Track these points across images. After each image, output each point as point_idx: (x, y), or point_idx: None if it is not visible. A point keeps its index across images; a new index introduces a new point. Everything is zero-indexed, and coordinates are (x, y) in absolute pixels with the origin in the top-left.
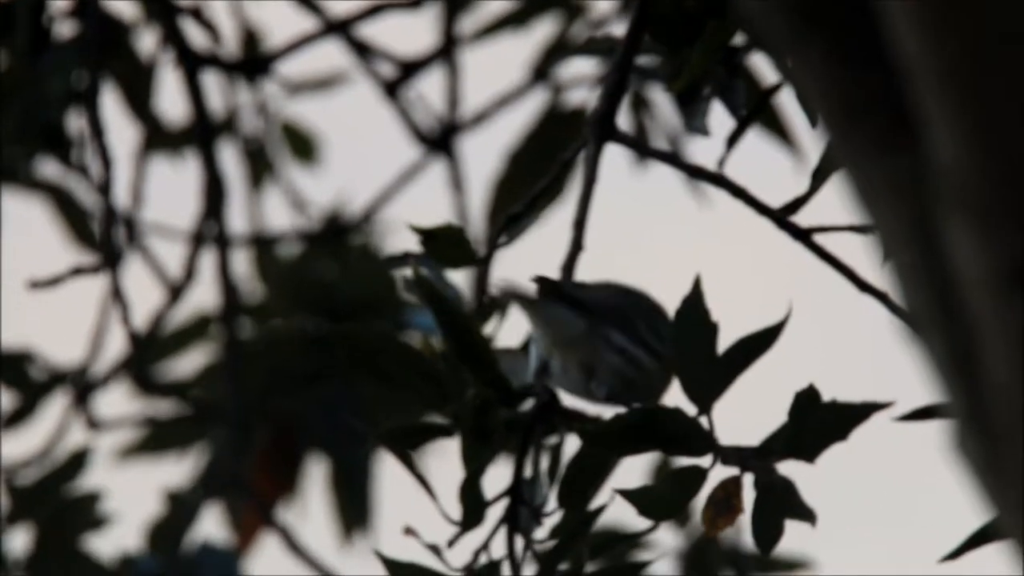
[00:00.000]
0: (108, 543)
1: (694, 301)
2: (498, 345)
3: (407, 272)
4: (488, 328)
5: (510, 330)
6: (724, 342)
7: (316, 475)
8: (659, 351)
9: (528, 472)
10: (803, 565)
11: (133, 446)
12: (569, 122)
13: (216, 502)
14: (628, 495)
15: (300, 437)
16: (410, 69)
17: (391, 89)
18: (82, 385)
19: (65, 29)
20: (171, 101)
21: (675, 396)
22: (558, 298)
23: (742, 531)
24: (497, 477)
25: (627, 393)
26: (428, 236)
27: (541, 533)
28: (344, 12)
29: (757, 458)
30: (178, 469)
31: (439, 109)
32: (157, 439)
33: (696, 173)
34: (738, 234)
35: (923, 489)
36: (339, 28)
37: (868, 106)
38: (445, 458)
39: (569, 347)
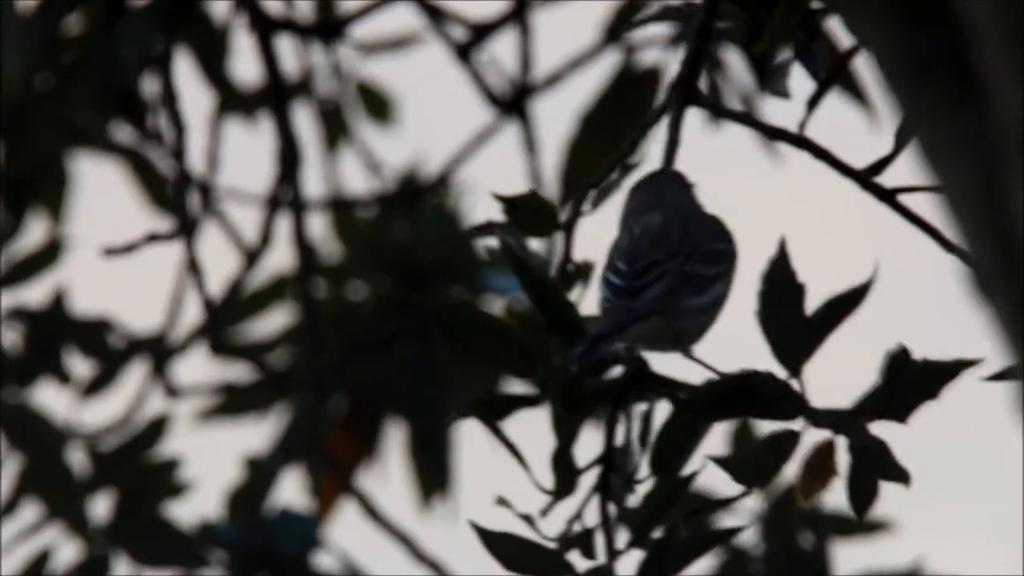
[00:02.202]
0: (188, 509)
1: (780, 263)
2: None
3: (490, 241)
4: (572, 295)
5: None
6: (810, 304)
7: (395, 441)
8: (723, 268)
9: (619, 440)
10: (883, 528)
11: (211, 411)
12: (642, 83)
13: (295, 468)
14: (721, 462)
15: (379, 402)
16: (482, 32)
17: (464, 52)
18: (160, 352)
19: None
20: (245, 65)
21: (765, 359)
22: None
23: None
24: (587, 445)
25: (715, 319)
26: (511, 204)
27: (633, 500)
28: None
29: (849, 420)
30: (257, 434)
31: (512, 71)
32: (235, 404)
33: (779, 135)
34: (811, 194)
35: (1001, 449)
36: None
37: (934, 64)
38: (527, 424)
39: (650, 338)
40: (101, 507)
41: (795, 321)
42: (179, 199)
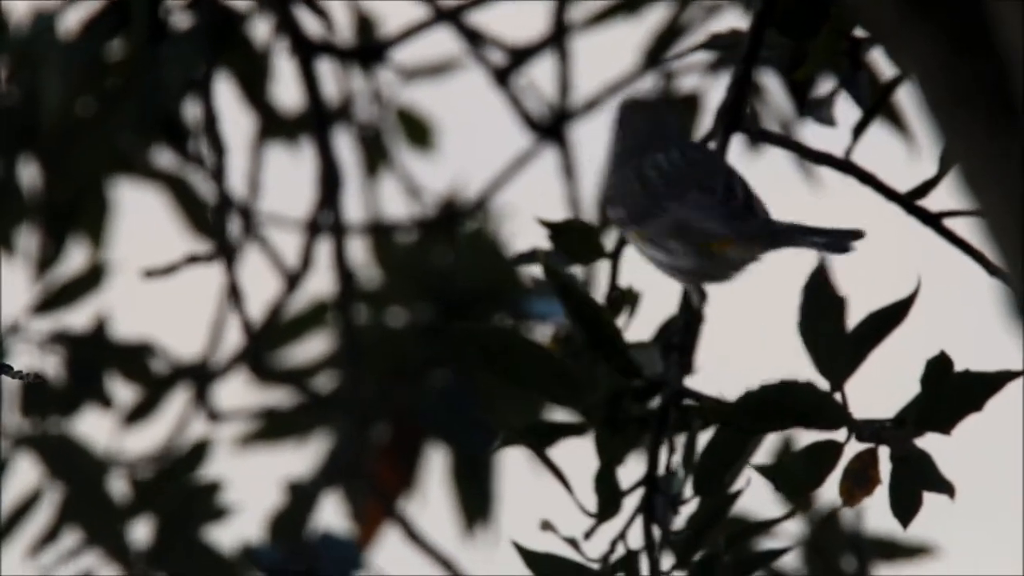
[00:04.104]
0: (229, 533)
1: (821, 275)
2: (628, 339)
3: (534, 269)
4: (618, 322)
5: (639, 325)
6: (851, 319)
7: (436, 466)
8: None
9: (663, 461)
10: (926, 551)
11: (253, 436)
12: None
13: (337, 492)
14: (764, 471)
15: (420, 428)
16: (521, 56)
17: (502, 76)
18: (202, 377)
19: (181, 20)
20: (286, 89)
21: (806, 371)
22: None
23: (863, 517)
24: (630, 469)
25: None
26: (557, 230)
27: (678, 523)
28: None
29: (892, 430)
30: (298, 459)
31: (550, 96)
32: (276, 429)
33: (824, 160)
34: (853, 219)
35: None
36: (451, 15)
37: (974, 90)
38: (571, 450)
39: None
40: (142, 532)
41: (837, 334)
42: (220, 223)
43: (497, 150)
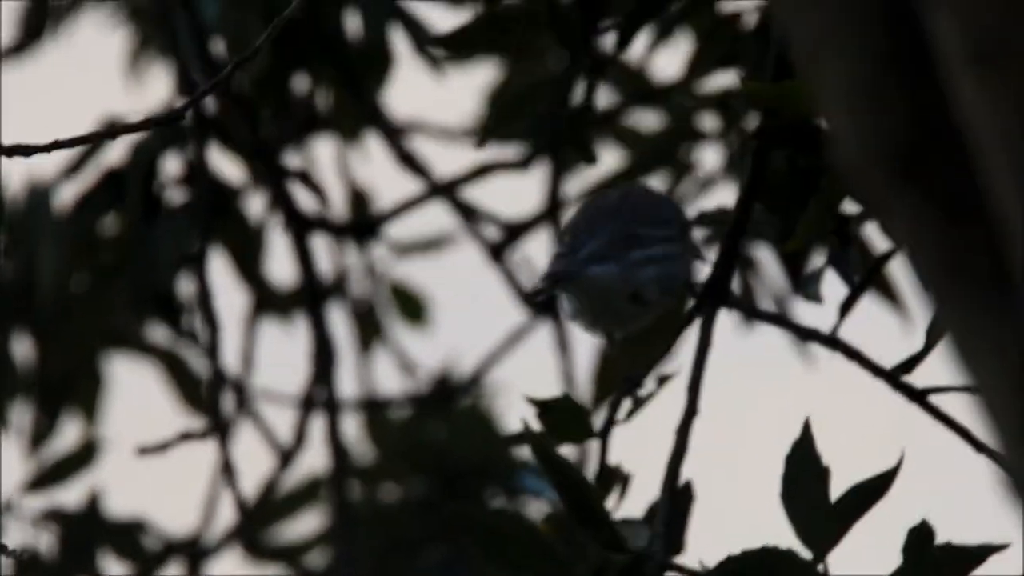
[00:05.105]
0: None
1: (804, 444)
2: (617, 516)
3: (525, 449)
4: (609, 499)
5: (629, 502)
6: (835, 491)
7: None
8: (672, 232)
9: None
10: None
11: None
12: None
13: None
14: None
15: None
16: (516, 232)
17: (497, 252)
18: (195, 554)
19: (176, 195)
20: (280, 264)
21: (788, 539)
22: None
23: None
24: None
25: (673, 281)
26: (544, 408)
27: None
28: (450, 174)
29: None
30: None
31: (545, 271)
32: None
33: (810, 336)
34: (844, 391)
35: None
36: (445, 190)
37: (967, 260)
38: None
39: (610, 304)
40: None
41: (820, 504)
42: (213, 399)
43: (491, 325)
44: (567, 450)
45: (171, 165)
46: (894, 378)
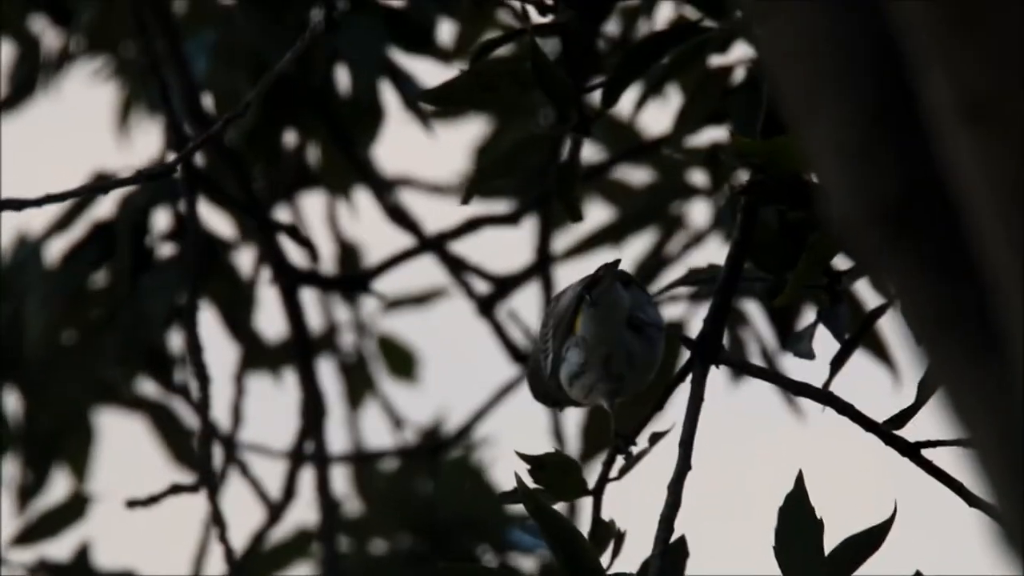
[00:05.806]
0: None
1: (798, 497)
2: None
3: (518, 506)
4: (604, 556)
5: (623, 558)
6: (828, 543)
7: None
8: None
9: None
10: None
11: None
12: (667, 338)
13: None
14: None
15: None
16: (505, 286)
17: (486, 306)
18: None
19: (166, 249)
20: (270, 318)
21: None
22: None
23: None
24: None
25: (633, 374)
26: (538, 465)
27: None
28: (439, 228)
29: None
30: None
31: (533, 325)
32: None
33: (802, 390)
34: (836, 445)
35: None
36: (434, 244)
37: (958, 316)
38: None
39: (606, 337)
40: None
41: (814, 557)
42: (203, 453)
43: (480, 379)
44: (558, 506)
45: (161, 219)
46: (886, 432)
